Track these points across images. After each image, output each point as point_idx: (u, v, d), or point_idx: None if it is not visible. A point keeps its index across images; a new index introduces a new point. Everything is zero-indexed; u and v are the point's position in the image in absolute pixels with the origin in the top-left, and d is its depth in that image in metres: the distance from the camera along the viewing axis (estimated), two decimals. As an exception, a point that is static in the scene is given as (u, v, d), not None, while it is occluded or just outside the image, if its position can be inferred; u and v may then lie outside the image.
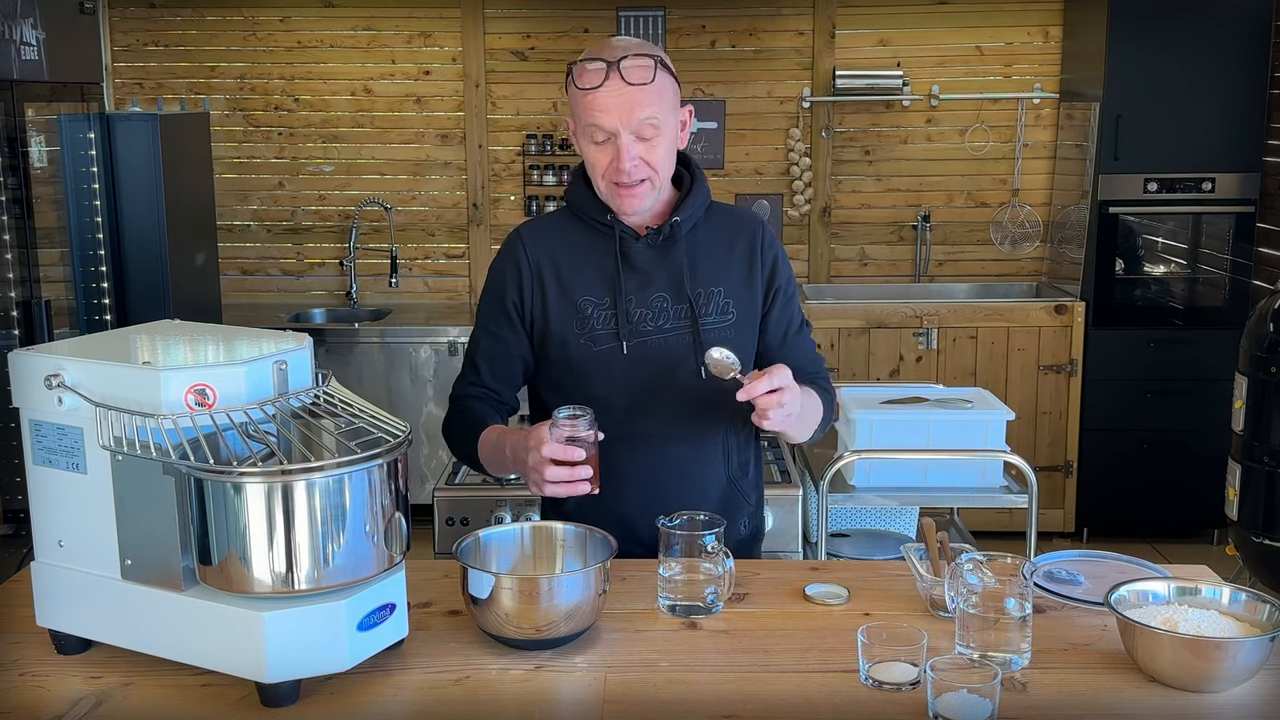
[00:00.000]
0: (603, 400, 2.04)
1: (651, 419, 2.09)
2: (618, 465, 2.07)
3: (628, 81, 1.97)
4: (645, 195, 2.05)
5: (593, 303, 2.09)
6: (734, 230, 2.17)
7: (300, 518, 1.53)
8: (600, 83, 1.97)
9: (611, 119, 1.98)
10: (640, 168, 2.01)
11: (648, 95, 1.98)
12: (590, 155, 2.04)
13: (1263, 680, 1.62)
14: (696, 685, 1.64)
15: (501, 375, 2.17)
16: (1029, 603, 1.69)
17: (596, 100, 1.98)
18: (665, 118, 2.02)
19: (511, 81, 5.43)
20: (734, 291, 2.12)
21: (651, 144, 2.01)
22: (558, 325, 2.10)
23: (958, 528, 3.54)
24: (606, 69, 1.97)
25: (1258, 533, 3.92)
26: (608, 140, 2.00)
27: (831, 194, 5.47)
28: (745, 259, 2.15)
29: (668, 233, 2.09)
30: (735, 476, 2.19)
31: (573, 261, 2.12)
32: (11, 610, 1.85)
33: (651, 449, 2.10)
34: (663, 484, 2.10)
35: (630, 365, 2.08)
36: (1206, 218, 5.00)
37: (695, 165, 2.17)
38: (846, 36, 5.35)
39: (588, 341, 2.09)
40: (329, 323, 5.39)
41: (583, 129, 2.03)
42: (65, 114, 4.14)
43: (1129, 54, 4.81)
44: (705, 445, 2.13)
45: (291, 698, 1.57)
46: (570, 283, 2.11)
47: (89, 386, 1.59)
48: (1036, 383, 5.00)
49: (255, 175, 5.55)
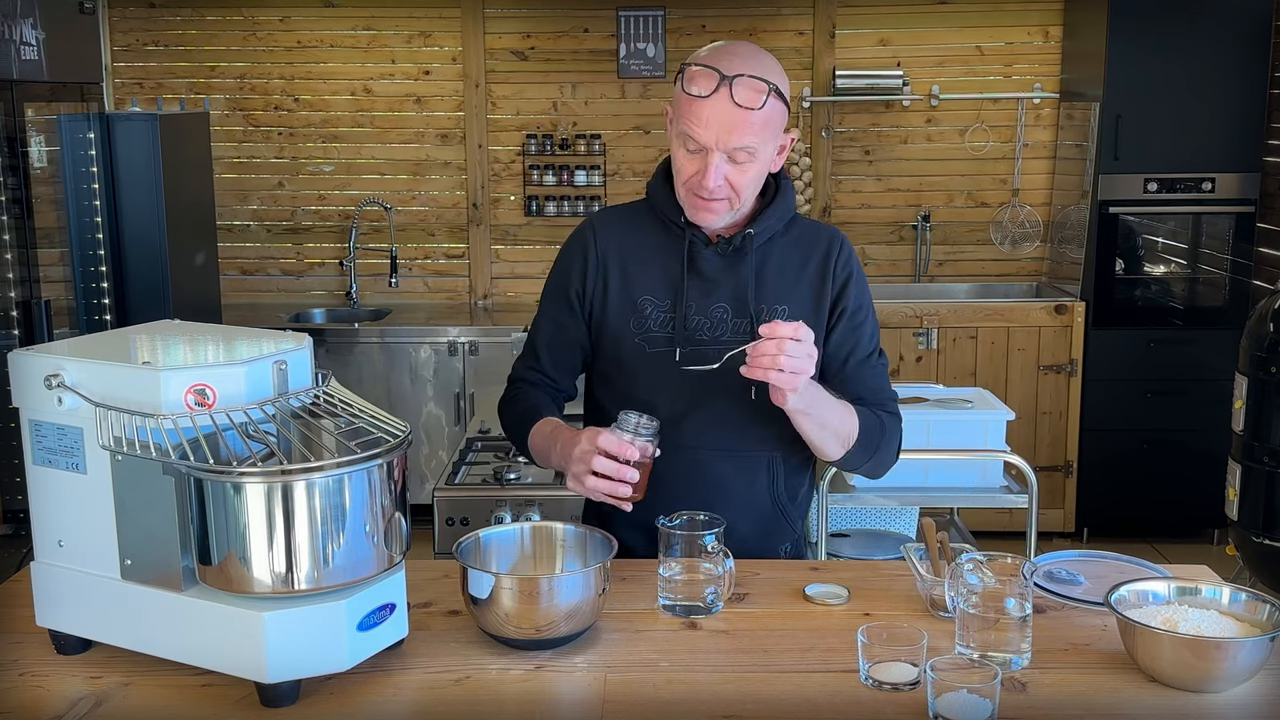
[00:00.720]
0: (647, 404, 1.98)
1: (695, 430, 2.03)
2: (657, 473, 1.97)
3: (736, 102, 1.89)
4: (721, 213, 2.00)
5: (653, 303, 2.05)
6: (810, 246, 2.09)
7: (300, 518, 1.53)
8: (709, 93, 1.90)
9: (709, 134, 1.91)
10: (723, 188, 1.95)
11: (751, 121, 1.91)
12: (678, 158, 1.98)
13: (1263, 680, 1.62)
14: (696, 685, 1.64)
15: (561, 363, 2.15)
16: (1029, 603, 1.69)
17: (700, 111, 1.91)
18: (763, 146, 1.95)
19: (511, 81, 5.43)
20: (800, 311, 2.04)
21: (742, 168, 1.95)
22: (615, 320, 2.07)
23: (958, 528, 3.54)
24: (719, 82, 1.90)
25: (1258, 533, 3.92)
26: (699, 151, 1.94)
27: (831, 194, 5.47)
28: (817, 278, 2.07)
29: (739, 243, 2.04)
30: (781, 501, 2.12)
31: (640, 256, 2.07)
32: (11, 610, 1.85)
33: (691, 461, 2.05)
34: (700, 498, 2.02)
35: (681, 373, 2.01)
36: (1206, 218, 5.00)
37: (785, 178, 2.10)
38: (846, 36, 5.35)
39: (642, 341, 2.05)
40: (329, 323, 5.39)
41: (678, 131, 1.97)
42: (65, 114, 4.14)
43: (1129, 54, 4.81)
44: (750, 464, 2.06)
45: (291, 698, 1.57)
46: (634, 278, 2.06)
47: (89, 386, 1.59)
48: (1036, 383, 5.00)
49: (255, 175, 5.55)
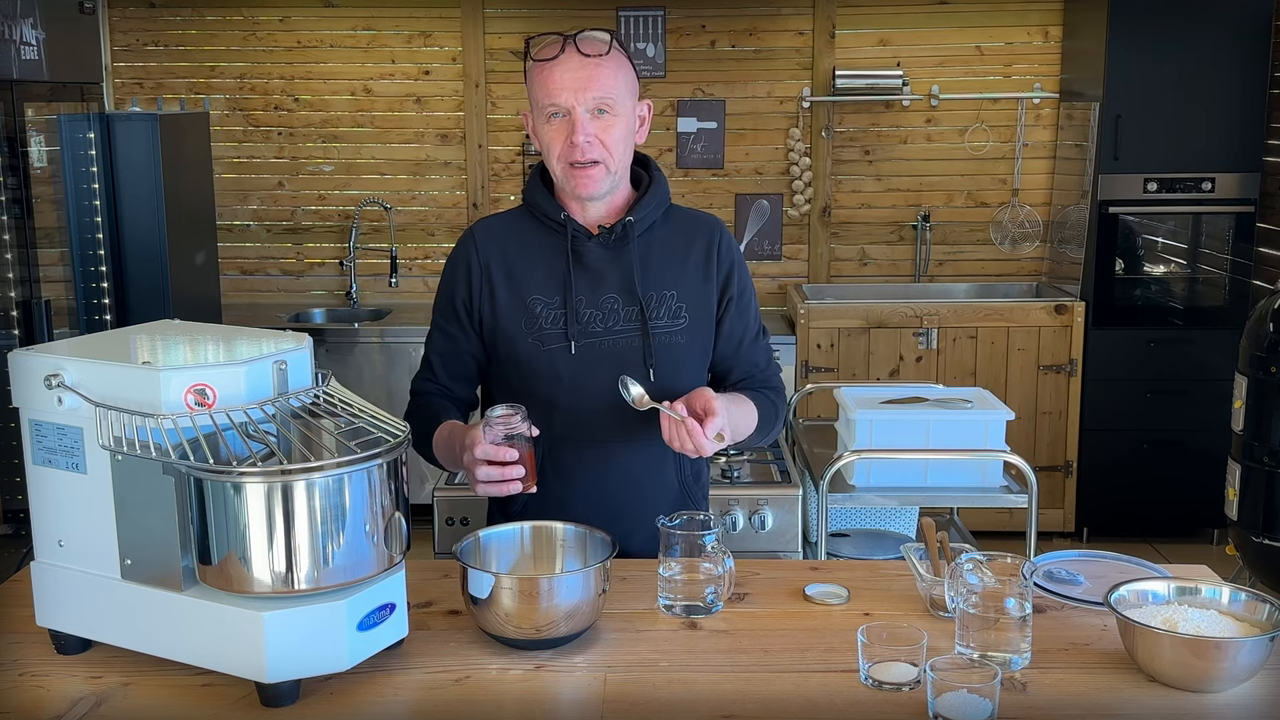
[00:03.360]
0: (550, 401, 2.03)
1: (600, 422, 2.06)
2: (565, 468, 2.06)
3: (583, 53, 1.98)
4: (600, 179, 2.03)
5: (542, 301, 2.07)
6: (691, 233, 2.14)
7: (300, 518, 1.53)
8: (556, 54, 1.99)
9: (566, 93, 1.98)
10: (594, 146, 1.99)
11: (602, 71, 1.99)
12: (546, 136, 2.03)
13: (1263, 680, 1.62)
14: (696, 685, 1.64)
15: (454, 373, 2.16)
16: (1029, 603, 1.69)
17: (553, 73, 1.98)
18: (621, 100, 2.01)
19: (511, 81, 5.43)
20: (688, 296, 2.09)
21: (605, 123, 2.00)
22: (506, 323, 2.08)
23: (958, 528, 3.54)
24: (563, 42, 1.99)
25: (1258, 533, 3.92)
26: (562, 117, 1.99)
27: (831, 194, 5.47)
28: (701, 263, 2.12)
29: (620, 232, 2.07)
30: (688, 484, 2.16)
31: (524, 259, 2.10)
32: (11, 610, 1.85)
33: (600, 452, 2.08)
34: (612, 488, 2.08)
35: (578, 366, 2.05)
36: (1206, 218, 5.00)
37: (655, 166, 2.16)
38: (846, 36, 5.35)
39: (536, 340, 2.06)
40: (329, 323, 5.39)
41: (539, 109, 2.03)
42: (65, 114, 4.14)
43: (1129, 54, 4.81)
44: (656, 451, 2.05)
45: (291, 698, 1.57)
46: (521, 280, 2.09)
47: (89, 386, 1.59)
48: (1036, 383, 5.00)
49: (255, 175, 5.55)
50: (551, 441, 2.06)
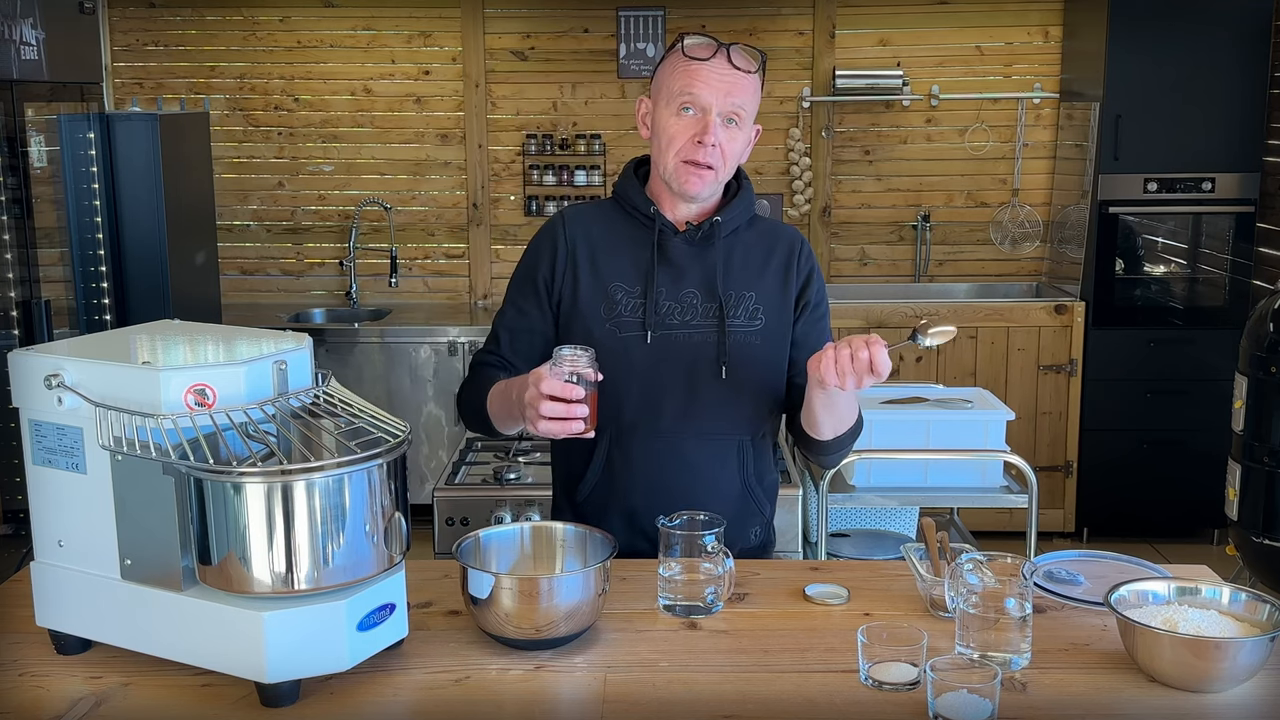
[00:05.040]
0: (621, 389, 2.05)
1: (667, 413, 2.09)
2: (630, 455, 2.09)
3: (734, 64, 2.03)
4: (709, 183, 2.07)
5: (623, 289, 2.10)
6: (773, 241, 2.18)
7: (300, 518, 1.53)
8: (709, 56, 2.03)
9: (709, 94, 2.02)
10: (716, 153, 2.04)
11: (746, 84, 2.05)
12: (671, 127, 2.05)
13: (1263, 680, 1.62)
14: (696, 685, 1.64)
15: (520, 349, 2.17)
16: (1029, 603, 1.69)
17: (700, 71, 2.03)
18: (749, 117, 2.08)
19: (511, 81, 5.43)
20: (765, 299, 2.13)
21: (731, 133, 2.06)
22: (586, 306, 2.11)
23: (958, 528, 3.55)
24: (718, 48, 2.04)
25: (1258, 533, 3.92)
26: (694, 114, 2.04)
27: (831, 194, 5.47)
28: (781, 270, 2.15)
29: (707, 230, 2.11)
30: (750, 483, 2.17)
31: (609, 246, 2.13)
32: (11, 610, 1.85)
33: (664, 443, 2.10)
34: (673, 480, 2.09)
35: (652, 356, 2.08)
36: (1206, 218, 5.00)
37: (744, 176, 2.20)
38: (846, 36, 5.35)
39: (613, 327, 2.09)
40: (329, 323, 5.39)
41: (670, 98, 2.05)
42: (65, 114, 4.14)
43: (1129, 54, 4.81)
44: (721, 446, 2.12)
45: (291, 698, 1.57)
46: (604, 266, 2.12)
47: (89, 386, 1.59)
48: (1036, 383, 5.00)
49: (255, 175, 5.55)
50: (619, 430, 2.09)
